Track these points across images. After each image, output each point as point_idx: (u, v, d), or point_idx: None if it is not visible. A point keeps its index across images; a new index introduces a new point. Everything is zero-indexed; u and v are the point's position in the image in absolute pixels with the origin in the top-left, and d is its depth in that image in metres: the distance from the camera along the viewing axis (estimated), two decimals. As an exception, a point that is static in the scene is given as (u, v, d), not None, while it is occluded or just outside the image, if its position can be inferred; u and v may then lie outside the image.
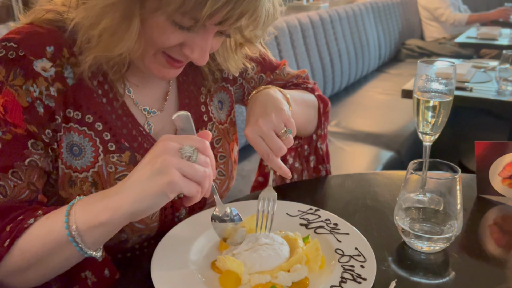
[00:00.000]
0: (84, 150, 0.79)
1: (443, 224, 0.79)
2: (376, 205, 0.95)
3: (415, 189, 0.80)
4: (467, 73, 2.34)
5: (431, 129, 0.86)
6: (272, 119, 0.82)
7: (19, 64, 0.73)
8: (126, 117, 0.83)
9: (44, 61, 0.74)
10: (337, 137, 2.45)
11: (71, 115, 0.78)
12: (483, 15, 4.41)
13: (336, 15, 3.05)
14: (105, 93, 0.81)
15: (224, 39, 0.84)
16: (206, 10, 0.64)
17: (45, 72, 0.74)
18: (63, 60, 0.76)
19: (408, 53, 4.22)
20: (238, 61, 0.92)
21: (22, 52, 0.73)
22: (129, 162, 0.82)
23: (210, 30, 0.71)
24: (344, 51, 3.06)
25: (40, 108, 0.74)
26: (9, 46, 0.73)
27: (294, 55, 2.50)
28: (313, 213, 0.88)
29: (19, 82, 0.73)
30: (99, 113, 0.80)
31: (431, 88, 0.84)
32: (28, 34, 0.75)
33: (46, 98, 0.75)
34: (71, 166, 0.79)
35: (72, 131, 0.78)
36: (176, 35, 0.70)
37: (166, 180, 0.62)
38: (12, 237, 0.67)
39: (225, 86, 1.01)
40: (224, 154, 0.97)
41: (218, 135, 0.97)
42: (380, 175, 1.11)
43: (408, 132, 2.50)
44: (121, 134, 0.82)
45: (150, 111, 0.88)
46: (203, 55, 0.73)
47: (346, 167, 2.15)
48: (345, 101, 3.05)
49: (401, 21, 4.22)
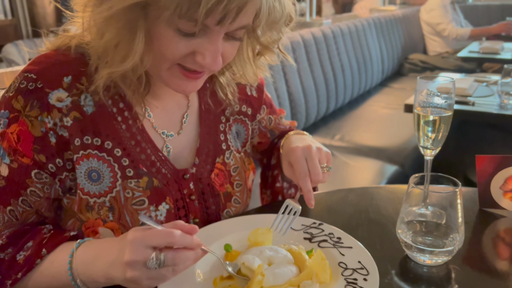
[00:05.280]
0: (103, 175, 0.81)
1: (445, 237, 0.80)
2: (379, 219, 0.96)
3: (417, 202, 0.81)
4: (469, 87, 2.35)
5: (432, 143, 0.87)
6: (320, 151, 0.93)
7: (36, 96, 0.76)
8: (145, 143, 0.85)
9: (60, 91, 0.77)
10: (341, 151, 2.46)
11: (89, 141, 0.80)
12: (485, 29, 4.44)
13: (339, 31, 3.08)
14: (125, 119, 0.83)
15: (240, 48, 0.85)
16: (202, 8, 0.63)
17: (60, 102, 0.77)
18: (81, 88, 0.79)
19: (411, 67, 4.25)
20: (256, 71, 0.92)
21: (40, 84, 0.76)
22: (146, 188, 0.84)
23: (215, 32, 0.71)
24: (347, 66, 3.09)
25: (52, 138, 0.77)
26: (30, 77, 0.77)
27: (298, 71, 2.54)
28: (316, 227, 0.89)
29: (35, 113, 0.76)
30: (118, 139, 0.82)
31: (431, 104, 0.86)
32: (48, 65, 0.78)
33: (60, 128, 0.78)
34: (88, 192, 0.81)
35: (91, 157, 0.80)
36: (184, 44, 0.71)
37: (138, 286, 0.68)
38: (24, 271, 0.75)
39: (243, 120, 1.03)
40: (241, 182, 0.98)
41: (235, 163, 0.98)
42: (383, 189, 1.12)
43: (411, 146, 2.51)
44: (139, 159, 0.84)
45: (168, 134, 0.89)
46: (214, 59, 0.73)
47: (350, 181, 2.16)
48: (349, 116, 3.07)
49: (403, 36, 4.26)
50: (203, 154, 0.93)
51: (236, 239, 0.84)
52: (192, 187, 0.90)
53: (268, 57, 0.91)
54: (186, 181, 0.89)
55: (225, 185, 0.95)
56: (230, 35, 0.74)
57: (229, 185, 0.96)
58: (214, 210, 0.93)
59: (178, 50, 0.71)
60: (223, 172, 0.95)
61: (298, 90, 2.52)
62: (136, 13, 0.68)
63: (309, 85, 2.62)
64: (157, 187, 0.84)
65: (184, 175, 0.89)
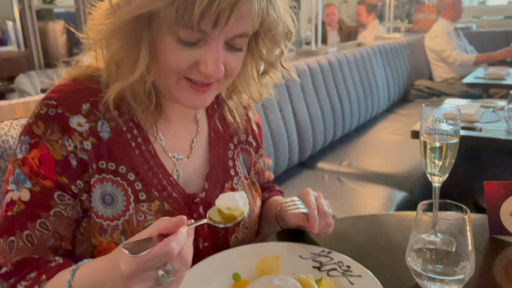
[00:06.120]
0: (117, 199, 0.83)
1: (456, 265, 0.79)
2: (389, 246, 0.95)
3: (426, 230, 0.81)
4: (476, 113, 2.36)
5: (439, 170, 0.87)
6: (326, 203, 0.96)
7: (57, 121, 0.79)
8: (157, 168, 0.87)
9: (79, 117, 0.80)
10: (349, 177, 2.45)
11: (104, 166, 0.82)
12: (490, 55, 4.47)
13: (344, 58, 3.12)
14: (138, 145, 0.86)
15: (245, 66, 0.87)
16: (196, 10, 0.67)
17: (80, 127, 0.80)
18: (98, 115, 0.82)
19: (417, 93, 4.27)
20: (261, 89, 0.95)
21: (61, 110, 0.80)
22: (158, 211, 0.85)
23: (214, 39, 0.73)
24: (353, 93, 3.12)
25: (73, 161, 0.80)
26: (50, 104, 0.80)
27: (304, 98, 2.56)
28: (325, 255, 0.89)
29: (56, 137, 0.79)
30: (132, 164, 0.85)
31: (437, 131, 0.86)
32: (67, 93, 0.82)
33: (80, 151, 0.80)
34: (102, 215, 0.82)
35: (105, 181, 0.82)
36: (186, 53, 0.74)
37: None
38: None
39: (248, 150, 1.05)
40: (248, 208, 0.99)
41: (243, 189, 1.00)
42: (392, 216, 1.12)
43: (420, 172, 2.50)
44: (151, 184, 0.86)
45: (179, 158, 0.92)
46: (217, 66, 0.75)
47: (359, 208, 2.15)
48: (356, 142, 3.07)
49: (409, 62, 4.30)
50: (213, 179, 0.95)
51: (244, 268, 0.84)
52: (202, 211, 0.91)
53: (273, 75, 0.94)
54: (196, 205, 0.91)
55: None
56: (231, 45, 0.77)
57: None
58: (222, 234, 0.94)
59: (181, 60, 0.74)
60: None
61: (305, 117, 2.53)
62: (141, 25, 0.73)
63: (315, 112, 2.64)
64: (168, 211, 0.86)
65: (194, 199, 0.91)
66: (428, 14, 5.27)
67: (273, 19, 0.76)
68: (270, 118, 2.22)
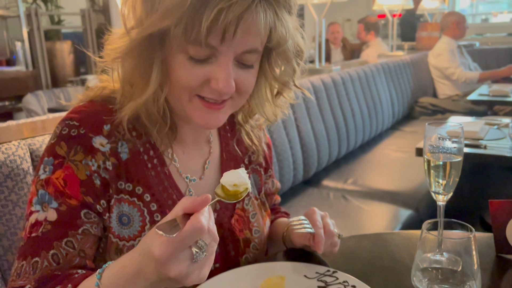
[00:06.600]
0: (133, 219, 0.84)
1: (462, 285, 0.78)
2: (394, 266, 0.95)
3: (431, 249, 0.81)
4: (480, 131, 2.36)
5: (444, 189, 0.87)
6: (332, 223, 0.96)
7: (80, 141, 0.80)
8: (171, 189, 0.88)
9: (101, 137, 0.82)
10: (354, 195, 2.44)
11: (123, 186, 0.84)
12: (494, 72, 4.48)
13: (348, 76, 3.14)
14: (154, 166, 0.87)
15: (259, 88, 0.88)
16: (204, 24, 0.68)
17: (103, 147, 0.82)
18: (118, 136, 0.83)
19: (422, 110, 4.27)
20: (276, 110, 0.95)
21: (83, 130, 0.81)
22: None
23: (223, 55, 0.74)
24: (357, 111, 3.13)
25: (97, 180, 0.81)
26: (72, 125, 0.81)
27: (308, 115, 2.57)
28: (330, 275, 0.89)
29: (79, 157, 0.80)
30: (148, 185, 0.86)
31: (441, 149, 0.87)
32: (89, 114, 0.83)
33: (103, 171, 0.81)
34: (119, 235, 0.83)
35: (123, 201, 0.83)
36: (197, 71, 0.75)
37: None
38: None
39: (259, 170, 1.06)
40: (259, 229, 1.00)
41: (253, 210, 1.01)
42: (397, 235, 1.11)
43: (425, 189, 2.49)
44: (166, 205, 0.87)
45: (191, 179, 0.93)
46: (227, 82, 0.75)
47: (364, 226, 2.13)
48: (361, 159, 3.07)
49: (412, 80, 4.32)
50: None
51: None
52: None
53: (287, 95, 0.94)
54: None
55: (244, 231, 0.97)
56: (241, 62, 0.78)
57: (248, 231, 0.97)
58: (233, 256, 0.95)
59: (192, 77, 0.75)
60: (242, 218, 0.97)
61: (309, 135, 2.54)
62: (153, 44, 0.75)
63: (320, 130, 2.65)
64: None
65: None
66: (431, 32, 5.31)
67: (281, 34, 0.76)
68: (275, 136, 2.23)
